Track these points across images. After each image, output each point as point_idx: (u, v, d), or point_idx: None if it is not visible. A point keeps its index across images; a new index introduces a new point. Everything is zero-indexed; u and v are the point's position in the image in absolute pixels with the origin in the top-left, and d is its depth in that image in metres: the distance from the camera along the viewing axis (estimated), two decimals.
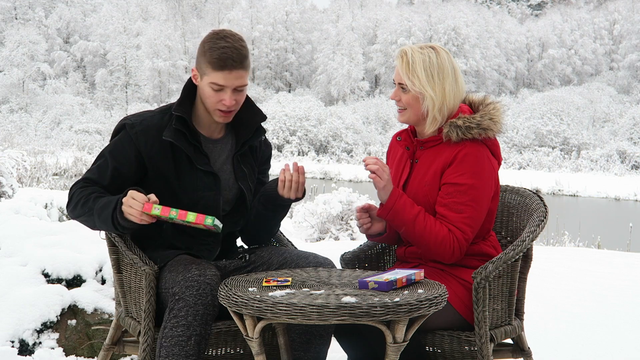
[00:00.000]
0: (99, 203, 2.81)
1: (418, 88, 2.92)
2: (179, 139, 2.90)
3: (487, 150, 2.96)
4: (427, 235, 2.88)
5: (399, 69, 2.96)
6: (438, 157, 2.96)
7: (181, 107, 2.94)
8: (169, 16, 70.61)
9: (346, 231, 11.88)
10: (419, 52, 2.94)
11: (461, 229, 2.89)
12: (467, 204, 2.88)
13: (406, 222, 2.89)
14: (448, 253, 2.89)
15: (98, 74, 65.36)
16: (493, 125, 2.93)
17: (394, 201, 2.89)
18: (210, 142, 3.02)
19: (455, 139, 2.91)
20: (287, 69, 70.99)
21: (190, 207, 2.92)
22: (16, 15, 71.89)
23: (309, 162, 43.87)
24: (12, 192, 9.86)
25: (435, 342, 2.91)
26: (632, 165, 41.70)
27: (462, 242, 2.89)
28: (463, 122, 2.91)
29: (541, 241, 12.33)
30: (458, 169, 2.90)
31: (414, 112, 2.97)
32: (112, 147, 2.93)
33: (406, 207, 2.89)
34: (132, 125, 2.92)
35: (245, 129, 3.05)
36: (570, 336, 4.72)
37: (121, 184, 2.91)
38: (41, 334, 3.90)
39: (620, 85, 66.63)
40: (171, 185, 2.92)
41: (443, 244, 2.87)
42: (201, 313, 2.67)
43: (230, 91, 2.89)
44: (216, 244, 3.02)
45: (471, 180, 2.89)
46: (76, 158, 27.99)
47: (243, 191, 3.04)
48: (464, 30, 67.04)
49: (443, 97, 2.92)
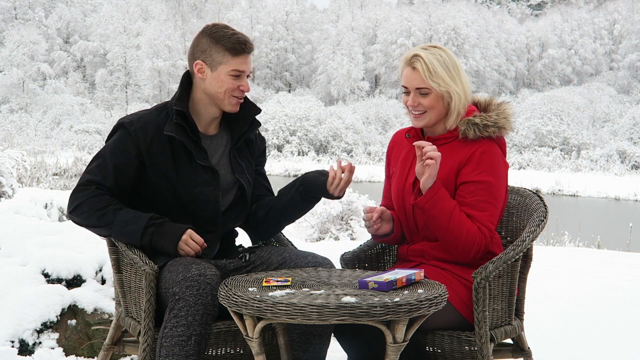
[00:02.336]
0: (120, 216, 2.85)
1: (444, 87, 2.93)
2: (180, 133, 2.91)
3: (499, 149, 2.99)
4: (461, 229, 2.87)
5: (419, 74, 2.94)
6: (453, 155, 2.96)
7: (180, 102, 2.95)
8: (169, 16, 70.60)
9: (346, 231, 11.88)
10: (430, 53, 2.95)
11: (487, 226, 2.91)
12: (488, 201, 2.91)
13: (444, 212, 2.87)
14: (474, 250, 2.90)
15: (98, 74, 65.35)
16: (507, 124, 2.97)
17: (437, 190, 2.88)
18: (207, 138, 3.03)
19: (472, 137, 2.93)
20: (287, 69, 70.98)
21: (189, 203, 2.93)
22: (16, 15, 71.89)
23: (309, 162, 43.86)
24: (12, 192, 9.86)
25: (435, 342, 2.91)
26: (632, 165, 41.69)
27: (487, 240, 2.92)
28: (480, 120, 2.93)
29: (541, 241, 12.33)
30: (477, 167, 2.92)
31: (436, 112, 2.97)
32: (112, 146, 2.93)
33: (446, 197, 2.89)
34: (130, 123, 2.93)
35: (240, 123, 3.07)
36: (570, 336, 4.72)
37: (123, 182, 2.92)
38: (41, 334, 3.90)
39: (620, 85, 66.64)
40: (170, 181, 2.93)
41: (474, 240, 2.88)
42: (201, 313, 2.67)
43: (245, 76, 2.95)
44: (215, 240, 3.02)
45: (490, 178, 2.92)
46: (76, 158, 28.00)
47: (242, 185, 3.04)
48: (464, 30, 67.03)
49: (464, 90, 2.95)
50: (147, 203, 2.96)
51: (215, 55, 2.92)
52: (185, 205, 2.95)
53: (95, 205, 2.86)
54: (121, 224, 2.85)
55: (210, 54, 2.92)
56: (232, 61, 2.92)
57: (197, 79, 2.97)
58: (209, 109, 3.00)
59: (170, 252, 2.87)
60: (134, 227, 2.84)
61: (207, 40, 2.93)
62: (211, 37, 2.93)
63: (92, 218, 2.87)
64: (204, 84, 2.96)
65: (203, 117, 3.01)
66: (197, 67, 2.95)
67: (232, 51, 2.91)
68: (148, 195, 2.96)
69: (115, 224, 2.85)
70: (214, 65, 2.92)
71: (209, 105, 2.99)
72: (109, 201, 2.87)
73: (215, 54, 2.92)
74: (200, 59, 2.94)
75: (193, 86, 3.00)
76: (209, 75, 2.94)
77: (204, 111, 3.00)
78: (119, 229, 2.85)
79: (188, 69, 3.03)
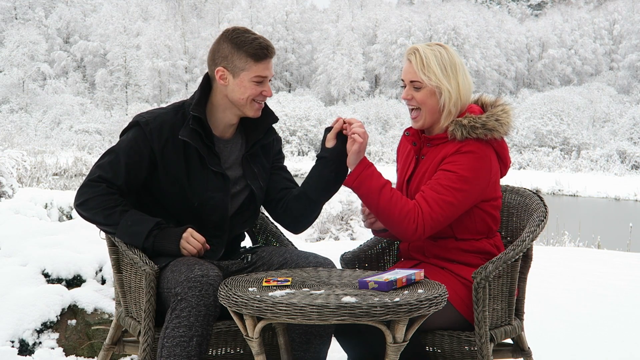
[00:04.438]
0: (127, 217, 2.85)
1: (435, 82, 2.92)
2: (195, 138, 2.90)
3: (491, 152, 2.95)
4: (392, 207, 2.83)
5: (412, 66, 2.96)
6: (442, 152, 2.96)
7: (198, 107, 2.92)
8: (169, 16, 70.61)
9: (346, 231, 11.88)
10: (430, 49, 2.96)
11: (430, 205, 2.84)
12: (448, 188, 2.86)
13: (372, 191, 2.84)
14: (411, 228, 2.83)
15: (98, 74, 65.35)
16: (499, 126, 2.92)
17: (362, 169, 2.86)
18: (221, 142, 3.01)
19: (459, 138, 2.91)
20: (287, 69, 70.98)
21: (198, 207, 2.93)
22: (16, 15, 71.89)
23: (309, 162, 43.86)
24: (12, 192, 9.86)
25: (435, 342, 2.91)
26: (632, 165, 41.66)
27: (426, 219, 2.83)
28: (468, 122, 2.91)
29: (541, 241, 12.33)
30: (456, 159, 2.90)
31: (429, 110, 2.96)
32: (126, 143, 2.91)
33: (374, 176, 2.86)
34: (146, 122, 2.91)
35: (256, 130, 3.04)
36: (570, 336, 4.72)
37: (134, 181, 2.91)
38: (41, 334, 3.90)
39: (620, 85, 66.63)
40: (181, 184, 2.92)
41: (407, 217, 2.82)
42: (203, 314, 2.67)
43: (268, 81, 2.92)
44: (220, 245, 3.02)
45: (464, 172, 2.88)
46: (76, 158, 27.98)
47: (253, 191, 3.03)
48: (464, 30, 67.03)
49: (458, 90, 2.94)
50: (157, 202, 2.96)
51: (237, 62, 2.88)
52: (193, 209, 2.94)
53: (104, 204, 2.85)
54: (127, 224, 2.85)
55: (232, 60, 2.88)
56: (254, 67, 2.88)
57: (218, 84, 2.93)
58: (227, 114, 2.97)
59: (173, 252, 2.86)
60: (139, 228, 2.85)
61: (228, 45, 2.89)
62: (232, 43, 2.88)
63: (99, 216, 2.87)
64: (226, 90, 2.92)
65: (220, 121, 2.98)
66: (218, 73, 2.91)
67: (255, 57, 2.87)
68: (158, 194, 2.95)
69: (121, 224, 2.85)
70: (236, 72, 2.89)
71: (228, 110, 2.96)
72: (118, 201, 2.87)
73: (237, 60, 2.88)
74: (221, 65, 2.90)
75: (213, 91, 2.96)
76: (231, 82, 2.90)
77: (222, 116, 2.97)
78: (124, 229, 2.86)
79: (208, 73, 2.99)
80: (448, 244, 2.99)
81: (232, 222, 3.03)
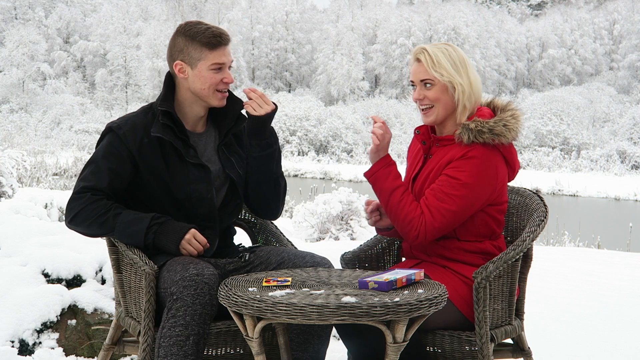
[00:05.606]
0: (122, 218, 2.85)
1: (447, 78, 2.93)
2: (167, 133, 2.92)
3: (499, 156, 2.94)
4: (399, 210, 2.91)
5: (423, 65, 2.97)
6: (448, 154, 2.96)
7: (165, 102, 2.96)
8: (169, 16, 70.61)
9: (346, 231, 11.88)
10: (437, 48, 2.98)
11: (434, 215, 2.89)
12: (452, 196, 2.88)
13: (384, 190, 2.94)
14: (412, 235, 2.91)
15: (98, 74, 65.32)
16: (506, 132, 2.90)
17: (380, 166, 2.96)
18: (195, 136, 3.04)
19: (466, 142, 2.91)
20: (287, 69, 70.98)
21: (183, 200, 2.94)
22: (16, 15, 71.88)
23: (309, 162, 43.86)
24: (12, 192, 9.86)
25: (435, 342, 2.91)
26: (632, 165, 41.66)
27: (428, 228, 2.89)
28: (475, 126, 2.90)
29: (541, 241, 12.33)
30: (460, 164, 2.91)
31: (443, 106, 2.97)
32: (104, 150, 2.94)
33: (390, 176, 2.95)
34: (118, 126, 2.95)
35: (226, 119, 3.07)
36: (570, 336, 4.72)
37: (118, 184, 2.92)
38: (41, 334, 3.90)
39: (620, 85, 66.61)
40: (164, 181, 2.94)
41: (411, 224, 2.90)
42: (199, 312, 2.67)
43: (227, 68, 2.95)
44: (214, 236, 3.02)
45: (467, 179, 2.88)
46: (76, 158, 27.95)
47: (233, 180, 3.05)
48: (464, 30, 67.01)
49: (470, 84, 2.94)
50: (143, 204, 2.97)
51: (193, 53, 2.93)
52: (180, 203, 2.95)
53: (94, 213, 2.86)
54: (123, 226, 2.86)
55: (188, 52, 2.94)
56: (210, 55, 2.93)
57: (179, 79, 2.98)
58: (194, 108, 3.01)
59: (172, 251, 2.87)
60: (136, 228, 2.85)
61: (182, 39, 2.95)
62: (186, 35, 2.94)
63: (93, 227, 2.88)
64: (187, 83, 2.97)
65: (189, 116, 3.02)
66: (177, 67, 2.96)
67: (209, 45, 2.92)
68: (143, 196, 2.97)
69: (118, 228, 2.86)
70: (193, 63, 2.94)
71: (194, 104, 3.00)
72: (107, 206, 2.88)
73: (192, 51, 2.93)
74: (179, 59, 2.96)
75: (176, 87, 3.01)
76: (191, 74, 2.95)
77: (190, 110, 3.01)
78: (121, 232, 2.87)
79: (169, 71, 3.03)
80: (450, 244, 3.00)
81: (221, 214, 3.04)
